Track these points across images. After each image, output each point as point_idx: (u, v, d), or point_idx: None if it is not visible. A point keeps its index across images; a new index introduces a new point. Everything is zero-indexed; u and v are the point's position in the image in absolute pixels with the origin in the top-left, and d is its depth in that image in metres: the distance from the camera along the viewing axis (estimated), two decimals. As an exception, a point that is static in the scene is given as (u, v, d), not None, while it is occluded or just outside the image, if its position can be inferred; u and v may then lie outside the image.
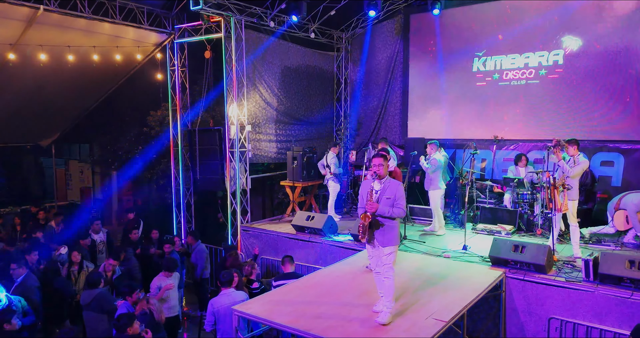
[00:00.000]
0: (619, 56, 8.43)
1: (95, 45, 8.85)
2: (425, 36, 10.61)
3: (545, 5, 9.05)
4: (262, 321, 4.49)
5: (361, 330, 4.16)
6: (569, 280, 5.54)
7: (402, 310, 4.52)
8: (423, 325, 4.22)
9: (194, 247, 8.17)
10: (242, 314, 4.62)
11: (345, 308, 4.66)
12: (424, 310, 4.58)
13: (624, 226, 7.16)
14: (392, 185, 4.58)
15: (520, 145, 9.65)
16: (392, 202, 4.52)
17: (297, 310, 4.59)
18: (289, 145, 10.24)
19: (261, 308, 4.70)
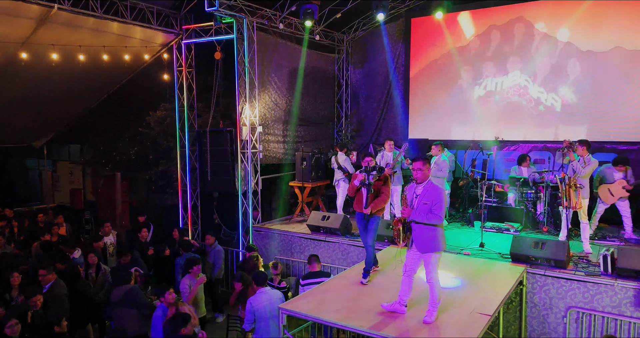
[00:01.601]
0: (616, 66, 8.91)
1: (103, 45, 8.73)
2: (427, 39, 10.88)
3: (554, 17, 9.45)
4: (313, 319, 4.58)
5: (413, 326, 4.31)
6: (589, 274, 5.84)
7: (444, 307, 4.68)
8: (469, 319, 4.41)
9: (213, 247, 8.17)
10: (290, 312, 4.71)
11: (388, 305, 4.79)
12: (466, 305, 4.77)
13: (610, 199, 7.52)
14: (431, 190, 4.51)
15: (520, 146, 10.02)
16: (429, 207, 4.44)
17: (345, 307, 4.72)
18: (296, 146, 10.35)
19: (307, 306, 4.80)
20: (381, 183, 5.67)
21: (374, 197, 5.60)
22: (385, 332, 4.19)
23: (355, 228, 8.25)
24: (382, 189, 5.63)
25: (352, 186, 5.77)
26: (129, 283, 5.58)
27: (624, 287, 5.57)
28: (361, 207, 5.65)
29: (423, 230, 4.49)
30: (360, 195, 5.72)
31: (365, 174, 5.64)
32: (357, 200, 5.76)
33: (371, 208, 5.57)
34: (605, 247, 6.54)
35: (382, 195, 5.63)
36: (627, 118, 8.94)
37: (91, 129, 13.85)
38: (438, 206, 4.44)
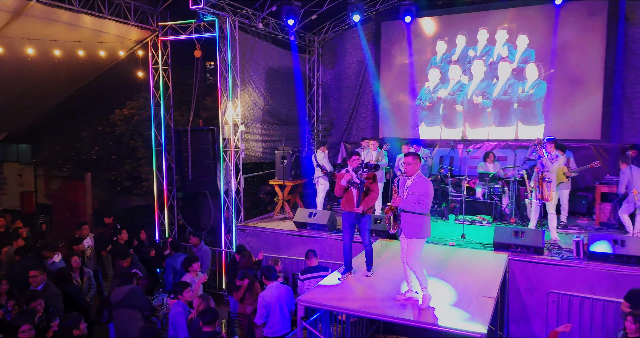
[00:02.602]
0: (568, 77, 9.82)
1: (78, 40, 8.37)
2: (396, 43, 11.36)
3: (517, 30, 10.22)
4: (335, 309, 4.79)
5: (429, 309, 4.63)
6: (565, 258, 6.48)
7: (456, 292, 5.07)
8: (478, 301, 4.81)
9: (199, 247, 8.09)
10: (310, 304, 4.87)
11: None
12: (470, 290, 5.17)
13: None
14: (419, 183, 4.89)
15: (484, 144, 10.74)
16: (418, 197, 4.81)
17: (361, 297, 4.96)
18: (273, 145, 10.44)
19: (325, 297, 4.99)
20: (370, 181, 5.65)
21: (364, 196, 5.58)
22: (407, 316, 4.49)
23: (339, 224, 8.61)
24: (371, 187, 5.64)
25: (339, 186, 5.65)
26: (131, 284, 5.47)
27: (596, 269, 6.24)
28: (352, 207, 5.60)
29: (410, 218, 4.88)
30: (349, 194, 5.63)
31: (353, 173, 5.57)
32: (347, 199, 5.66)
33: (363, 206, 5.57)
34: (575, 234, 7.28)
35: (372, 193, 5.64)
36: (578, 119, 9.88)
37: (45, 128, 13.12)
38: (425, 197, 4.81)
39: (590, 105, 9.75)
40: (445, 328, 4.28)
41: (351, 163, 5.67)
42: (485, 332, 4.11)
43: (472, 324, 4.28)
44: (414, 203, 4.82)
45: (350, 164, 5.68)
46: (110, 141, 12.92)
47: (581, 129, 9.85)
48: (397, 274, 5.52)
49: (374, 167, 5.74)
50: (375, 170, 5.77)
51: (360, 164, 5.65)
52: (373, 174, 5.71)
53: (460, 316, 4.50)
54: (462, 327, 4.26)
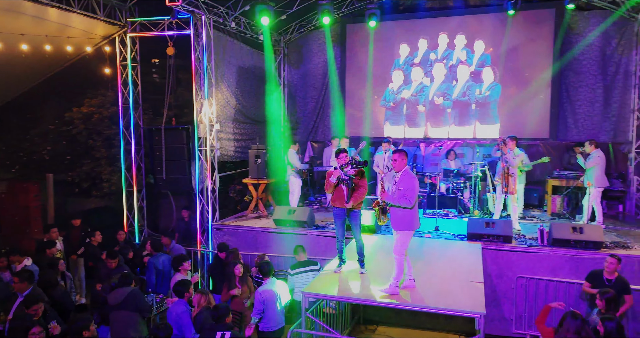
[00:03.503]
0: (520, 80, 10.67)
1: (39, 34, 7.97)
2: (361, 45, 11.75)
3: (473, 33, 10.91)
4: (340, 299, 5.01)
5: (428, 295, 4.99)
6: (531, 246, 7.12)
7: (447, 279, 5.48)
8: (470, 287, 5.22)
9: (171, 247, 8.00)
10: (316, 296, 5.07)
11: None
12: (458, 277, 5.59)
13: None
14: (404, 178, 5.20)
15: (445, 142, 11.39)
16: (403, 192, 5.11)
17: (360, 287, 5.22)
18: (244, 144, 10.47)
19: (327, 289, 5.20)
20: (358, 178, 5.83)
21: (353, 191, 5.76)
22: (408, 301, 4.81)
23: (321, 220, 8.85)
24: (360, 183, 5.83)
25: (329, 183, 5.82)
26: (130, 285, 5.39)
27: (559, 254, 6.92)
28: (342, 202, 5.78)
29: (397, 211, 5.19)
30: (339, 191, 5.81)
31: (340, 170, 5.74)
32: (337, 196, 5.81)
33: (352, 202, 5.76)
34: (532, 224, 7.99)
35: (360, 188, 5.83)
36: (529, 119, 10.77)
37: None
38: (409, 192, 5.09)
39: (539, 106, 10.66)
40: (447, 311, 4.64)
41: (339, 160, 5.86)
42: (484, 312, 4.51)
43: (470, 305, 4.68)
44: (399, 198, 5.11)
45: (338, 161, 5.87)
46: (64, 140, 12.31)
47: (531, 128, 10.74)
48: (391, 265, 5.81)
49: (362, 163, 5.99)
50: (363, 166, 6.00)
51: (348, 161, 5.86)
52: (361, 170, 5.92)
53: (457, 299, 4.88)
54: (463, 308, 4.64)
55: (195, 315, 5.17)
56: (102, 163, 11.52)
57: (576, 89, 10.47)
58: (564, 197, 9.55)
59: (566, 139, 10.55)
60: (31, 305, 4.55)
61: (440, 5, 11.25)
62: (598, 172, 7.96)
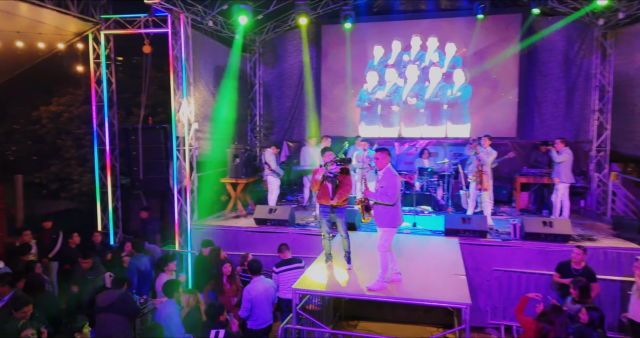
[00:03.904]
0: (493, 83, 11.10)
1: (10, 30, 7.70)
2: (336, 45, 11.91)
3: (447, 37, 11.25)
4: (331, 294, 5.12)
5: (415, 288, 5.18)
6: (505, 240, 7.46)
7: (430, 272, 5.68)
8: (453, 280, 5.44)
9: (151, 248, 7.89)
10: (305, 292, 5.17)
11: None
12: (441, 271, 5.81)
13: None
14: (386, 176, 5.35)
15: (418, 141, 11.70)
16: (385, 190, 5.27)
17: (351, 283, 5.35)
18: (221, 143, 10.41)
19: (316, 285, 5.31)
20: (343, 176, 5.93)
21: (338, 189, 5.89)
22: (395, 294, 4.98)
23: (301, 218, 8.93)
24: (345, 180, 5.94)
25: (314, 181, 5.94)
26: (122, 288, 5.32)
27: (530, 247, 7.29)
28: (328, 199, 5.91)
29: (379, 208, 5.34)
30: (324, 188, 5.93)
31: (325, 168, 5.83)
32: (322, 193, 5.97)
33: (337, 199, 5.89)
34: (503, 219, 8.36)
35: (345, 186, 5.93)
36: (497, 118, 11.22)
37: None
38: (390, 189, 5.22)
39: (507, 107, 11.13)
40: (435, 302, 4.84)
41: (324, 158, 6.01)
42: (470, 302, 4.73)
43: (456, 297, 4.89)
44: (381, 195, 5.26)
45: (324, 159, 6.01)
46: (29, 140, 11.88)
47: (500, 128, 11.19)
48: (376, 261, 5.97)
49: (345, 160, 6.10)
50: (347, 163, 6.12)
51: (332, 159, 5.98)
52: (345, 168, 6.02)
53: (442, 291, 5.09)
54: (449, 299, 4.85)
55: (185, 315, 5.16)
56: (72, 163, 11.18)
57: (541, 90, 10.99)
58: (531, 194, 10.01)
59: (533, 138, 11.06)
60: (21, 307, 4.42)
61: (413, 8, 11.54)
62: (566, 169, 8.41)
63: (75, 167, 11.13)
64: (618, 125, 9.98)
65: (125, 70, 9.67)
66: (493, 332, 7.46)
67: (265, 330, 5.84)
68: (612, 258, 7.08)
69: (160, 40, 8.92)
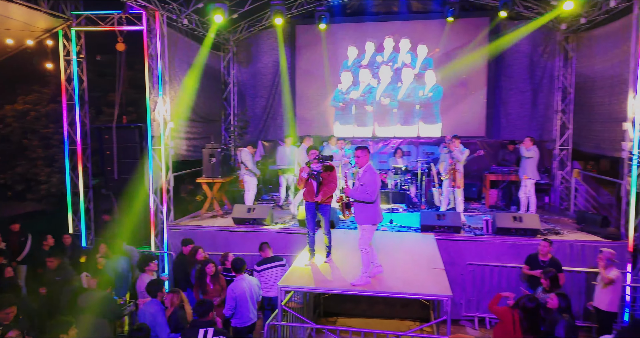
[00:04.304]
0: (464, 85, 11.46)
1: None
2: (310, 46, 12.00)
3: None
4: (317, 290, 5.21)
5: (397, 282, 5.33)
6: (478, 235, 7.75)
7: (411, 267, 5.86)
8: (433, 273, 5.64)
9: (130, 250, 7.76)
10: (291, 288, 5.24)
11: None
12: (421, 265, 5.99)
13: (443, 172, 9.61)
14: (365, 174, 5.48)
15: (391, 141, 11.95)
16: (365, 187, 5.39)
17: (335, 279, 5.45)
18: (196, 143, 10.34)
19: (302, 281, 5.39)
20: (328, 173, 6.06)
21: (323, 186, 6.00)
22: (378, 288, 5.13)
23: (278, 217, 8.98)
24: (329, 178, 6.04)
25: (300, 178, 6.06)
26: (105, 290, 5.23)
27: (502, 242, 7.60)
28: (312, 197, 6.02)
29: (359, 206, 5.46)
30: (310, 185, 6.05)
31: (308, 166, 5.99)
32: (308, 191, 6.09)
33: (321, 196, 5.98)
34: (474, 215, 8.68)
35: (330, 183, 6.04)
36: (467, 118, 11.61)
37: None
38: (370, 187, 5.34)
39: (476, 107, 11.53)
40: (418, 295, 5.01)
41: (309, 156, 6.13)
42: (451, 294, 4.93)
43: (437, 289, 5.08)
44: (361, 192, 5.38)
45: (308, 157, 6.14)
46: None
47: (470, 127, 11.58)
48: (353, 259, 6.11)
49: (326, 158, 6.19)
50: (329, 161, 6.20)
51: (315, 157, 6.09)
52: (330, 166, 6.12)
53: (424, 285, 5.27)
54: (431, 292, 5.03)
55: (169, 314, 5.14)
56: (39, 164, 10.82)
57: (508, 91, 11.45)
58: (500, 191, 10.41)
59: (500, 137, 11.49)
60: (4, 308, 4.30)
61: (386, 10, 11.78)
62: (533, 166, 8.81)
63: (42, 168, 10.77)
64: (579, 125, 10.52)
65: (93, 68, 9.43)
66: (467, 324, 7.74)
67: (249, 328, 5.87)
68: (577, 251, 7.48)
69: (130, 37, 8.77)
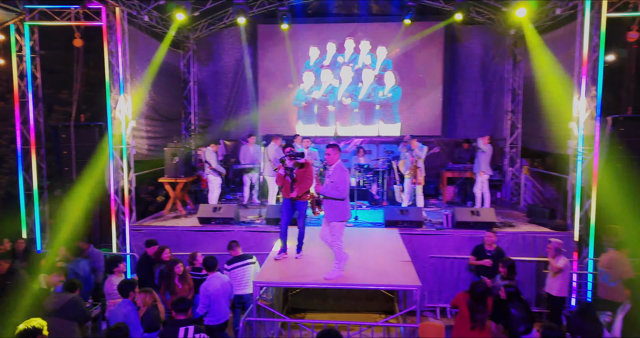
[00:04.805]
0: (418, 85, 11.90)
1: None
2: (272, 45, 12.06)
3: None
4: (292, 285, 5.32)
5: (369, 275, 5.54)
6: (439, 229, 8.13)
7: (379, 260, 6.08)
8: (401, 266, 5.89)
9: (89, 252, 7.54)
10: (266, 284, 5.32)
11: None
12: (388, 258, 6.24)
13: (403, 170, 9.87)
14: (335, 171, 5.63)
15: (352, 140, 12.22)
16: (335, 185, 5.55)
17: (309, 274, 5.59)
18: (157, 142, 10.16)
19: (275, 277, 5.50)
20: (302, 171, 6.21)
21: (297, 182, 6.12)
22: (351, 281, 5.32)
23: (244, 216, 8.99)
24: (305, 175, 6.17)
25: (278, 175, 6.25)
26: (74, 292, 5.09)
27: (461, 235, 8.01)
28: (288, 193, 6.17)
29: (329, 203, 5.62)
30: (286, 182, 6.18)
31: (282, 163, 6.15)
32: (285, 188, 6.25)
33: (296, 192, 6.14)
34: (438, 210, 9.08)
35: (306, 180, 6.16)
36: (424, 118, 12.08)
37: None
38: (340, 184, 5.50)
39: (433, 108, 12.02)
40: (390, 286, 5.24)
41: (284, 154, 6.26)
42: (420, 284, 5.19)
43: (407, 280, 5.33)
44: (331, 189, 5.53)
45: (284, 154, 6.26)
46: None
47: (427, 126, 12.05)
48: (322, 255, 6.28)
49: (297, 155, 6.29)
50: (300, 157, 6.31)
51: (286, 154, 6.22)
52: (305, 163, 6.22)
53: (394, 277, 5.51)
54: (401, 282, 5.27)
55: (142, 314, 5.08)
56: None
57: (462, 92, 12.01)
58: (456, 187, 10.92)
59: (455, 136, 12.03)
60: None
61: (347, 12, 12.03)
62: (487, 162, 9.34)
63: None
64: (528, 124, 11.21)
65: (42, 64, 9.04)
66: (430, 314, 8.09)
67: (222, 326, 5.89)
68: (529, 242, 8.01)
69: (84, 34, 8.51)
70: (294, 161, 6.14)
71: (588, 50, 7.73)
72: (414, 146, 9.04)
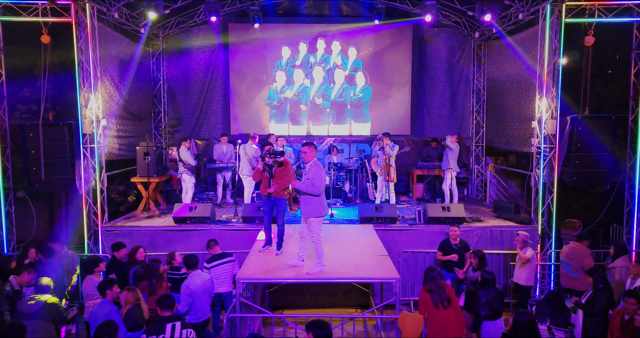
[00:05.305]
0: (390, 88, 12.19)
1: None
2: (244, 44, 12.04)
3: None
4: (275, 281, 5.42)
5: (349, 269, 5.70)
6: (412, 224, 8.39)
7: (358, 255, 6.27)
8: (379, 260, 6.09)
9: (63, 253, 7.37)
10: (248, 280, 5.38)
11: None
12: (366, 253, 6.43)
13: (376, 168, 10.20)
14: (311, 168, 5.82)
15: (325, 139, 12.38)
16: (311, 181, 5.71)
17: (289, 270, 5.69)
18: (128, 141, 9.99)
19: (257, 274, 5.57)
20: (280, 169, 6.36)
21: (275, 179, 6.31)
22: (332, 275, 5.46)
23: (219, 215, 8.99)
24: (283, 172, 6.31)
25: (256, 170, 6.49)
26: (46, 292, 5.00)
27: (433, 230, 8.31)
28: (266, 189, 6.35)
29: (306, 199, 5.77)
30: (264, 179, 6.39)
31: (262, 160, 6.36)
32: (263, 184, 6.47)
33: (275, 188, 6.30)
34: (409, 207, 9.35)
35: (284, 177, 6.30)
36: (394, 118, 12.38)
37: None
38: (317, 180, 5.66)
39: (402, 107, 12.34)
40: (370, 279, 5.42)
41: (264, 151, 6.50)
42: (399, 276, 5.39)
43: (386, 273, 5.52)
44: (308, 186, 5.68)
45: (263, 152, 6.48)
46: None
47: (396, 126, 12.34)
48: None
49: (276, 152, 6.40)
50: (278, 155, 6.40)
51: (266, 151, 6.43)
52: (284, 161, 6.36)
53: (373, 270, 5.70)
54: (380, 275, 5.46)
55: (125, 313, 5.05)
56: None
57: (430, 93, 12.38)
58: (426, 184, 11.27)
59: (423, 135, 12.40)
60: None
61: (317, 13, 12.17)
62: (454, 160, 9.72)
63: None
64: (492, 124, 11.70)
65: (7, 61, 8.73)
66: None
67: (204, 323, 5.91)
68: (496, 235, 8.39)
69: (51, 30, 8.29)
70: (274, 159, 6.25)
71: (548, 53, 8.19)
72: (386, 144, 9.28)
